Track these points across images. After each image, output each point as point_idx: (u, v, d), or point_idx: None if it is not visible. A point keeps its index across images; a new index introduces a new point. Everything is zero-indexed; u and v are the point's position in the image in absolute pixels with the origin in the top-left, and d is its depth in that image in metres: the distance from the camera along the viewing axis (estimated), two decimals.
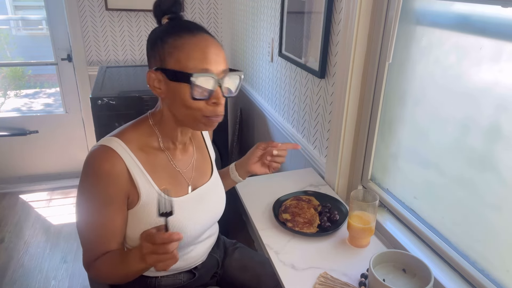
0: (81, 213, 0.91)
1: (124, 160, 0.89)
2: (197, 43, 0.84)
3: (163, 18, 0.91)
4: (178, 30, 0.86)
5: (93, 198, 0.89)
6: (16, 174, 2.93)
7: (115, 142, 0.90)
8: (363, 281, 0.95)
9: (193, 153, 1.06)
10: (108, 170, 0.87)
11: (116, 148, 0.89)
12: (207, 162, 1.11)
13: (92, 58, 2.62)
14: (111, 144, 0.89)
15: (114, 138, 0.91)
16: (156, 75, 0.87)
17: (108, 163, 0.87)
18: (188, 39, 0.84)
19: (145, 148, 0.94)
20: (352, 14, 1.18)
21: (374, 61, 1.19)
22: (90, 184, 0.89)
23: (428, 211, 1.08)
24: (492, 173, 0.85)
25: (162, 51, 0.85)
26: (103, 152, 0.89)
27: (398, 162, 1.19)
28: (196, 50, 0.84)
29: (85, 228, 0.92)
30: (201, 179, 1.06)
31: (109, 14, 2.54)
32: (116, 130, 0.96)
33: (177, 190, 0.99)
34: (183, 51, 0.83)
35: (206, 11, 2.71)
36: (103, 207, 0.89)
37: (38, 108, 3.42)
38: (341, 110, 1.30)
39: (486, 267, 0.89)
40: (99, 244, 0.91)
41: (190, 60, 0.83)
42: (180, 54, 0.83)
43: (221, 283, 1.21)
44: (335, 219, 1.18)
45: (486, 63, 0.84)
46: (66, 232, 2.45)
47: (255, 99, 2.30)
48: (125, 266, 0.86)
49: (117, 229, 0.92)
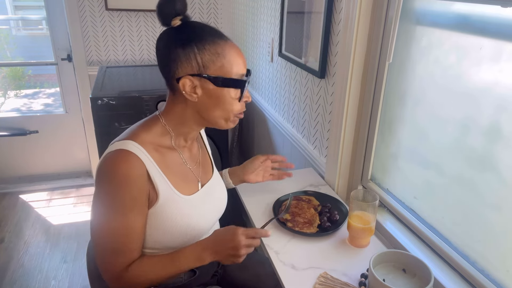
0: (102, 221, 0.89)
1: (143, 162, 0.89)
2: (233, 49, 0.91)
3: (174, 19, 0.89)
4: (212, 36, 0.88)
5: (115, 204, 0.87)
6: (16, 174, 2.93)
7: (131, 144, 0.89)
8: (363, 281, 0.95)
9: (199, 149, 1.08)
10: (128, 173, 0.86)
11: (133, 150, 0.88)
12: (207, 158, 1.13)
13: (92, 58, 2.62)
14: (129, 147, 0.88)
15: (129, 141, 0.90)
16: (192, 81, 0.88)
17: (128, 165, 0.87)
18: (224, 45, 0.89)
19: (159, 148, 0.94)
20: (352, 14, 1.18)
21: (374, 61, 1.19)
22: (111, 189, 0.87)
23: (428, 211, 1.08)
24: (492, 173, 0.85)
25: (201, 58, 0.87)
26: (122, 156, 0.87)
27: (398, 162, 1.19)
28: (235, 56, 0.90)
29: (109, 236, 0.89)
30: (206, 175, 1.08)
31: (109, 14, 2.54)
32: (126, 132, 0.94)
33: (189, 187, 1.00)
34: (225, 58, 0.88)
35: (206, 11, 2.71)
36: (127, 212, 0.88)
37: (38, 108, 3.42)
38: (341, 110, 1.30)
39: (486, 267, 0.89)
40: (127, 251, 0.90)
41: (233, 66, 0.89)
42: (223, 60, 0.88)
43: (221, 282, 1.21)
44: (335, 219, 1.18)
45: (486, 63, 0.84)
46: (66, 232, 2.45)
47: (255, 99, 2.30)
48: (180, 265, 0.92)
49: (141, 233, 0.92)
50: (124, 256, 0.90)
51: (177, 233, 0.95)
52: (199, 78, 0.88)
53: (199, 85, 0.88)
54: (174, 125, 0.96)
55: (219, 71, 0.88)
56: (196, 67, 0.87)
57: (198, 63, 0.87)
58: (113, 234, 0.89)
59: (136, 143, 0.90)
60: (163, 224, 0.93)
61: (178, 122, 0.95)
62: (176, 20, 0.89)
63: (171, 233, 0.94)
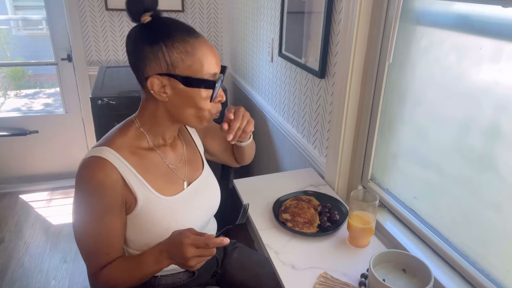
0: (79, 224, 0.91)
1: (117, 168, 0.88)
2: (204, 46, 0.86)
3: (143, 16, 0.85)
4: (181, 33, 0.85)
5: (90, 209, 0.89)
6: (16, 174, 2.93)
7: (105, 151, 0.89)
8: (363, 281, 0.95)
9: (183, 147, 1.06)
10: (102, 180, 0.86)
11: (107, 157, 0.88)
12: (198, 156, 1.12)
13: (92, 58, 2.62)
14: (102, 154, 0.88)
15: (104, 147, 0.90)
16: (161, 80, 0.85)
17: (102, 173, 0.87)
18: (194, 43, 0.85)
19: (136, 151, 0.93)
20: (352, 14, 1.18)
21: (374, 61, 1.19)
22: (86, 195, 0.88)
23: (428, 211, 1.08)
24: (492, 173, 0.85)
25: (169, 56, 0.84)
26: (95, 163, 0.87)
27: (398, 162, 1.19)
28: (206, 54, 0.86)
29: (85, 239, 0.91)
30: (194, 173, 1.06)
31: (109, 14, 2.54)
32: (102, 138, 0.94)
33: (173, 187, 0.99)
34: (194, 56, 0.84)
35: (206, 11, 2.71)
36: (101, 217, 0.89)
37: (38, 108, 3.42)
38: (341, 110, 1.30)
39: (486, 267, 0.89)
40: (101, 254, 0.91)
41: (203, 65, 0.85)
42: (193, 59, 0.84)
43: (220, 282, 1.21)
44: (335, 219, 1.18)
45: (486, 63, 0.84)
46: (66, 232, 2.45)
47: (255, 99, 2.30)
48: (141, 269, 0.89)
49: (117, 236, 0.92)
50: (99, 258, 0.92)
51: (162, 234, 0.94)
52: (168, 77, 0.85)
53: (168, 85, 0.86)
54: (149, 125, 0.95)
55: (188, 70, 0.85)
56: (165, 66, 0.84)
57: (167, 61, 0.84)
58: (88, 236, 0.91)
59: (111, 149, 0.89)
60: (145, 226, 0.93)
61: (152, 122, 0.94)
62: (145, 16, 0.85)
63: (156, 234, 0.94)
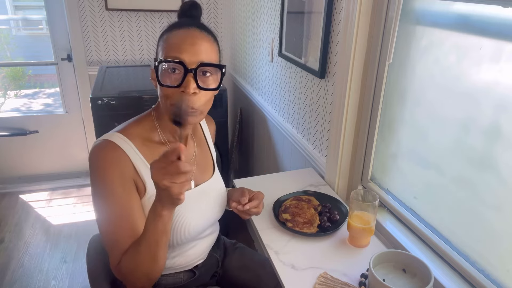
0: (100, 209, 0.88)
1: (127, 153, 0.89)
2: (179, 35, 0.86)
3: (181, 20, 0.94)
4: (173, 26, 0.89)
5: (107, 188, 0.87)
6: (16, 174, 2.93)
7: (117, 137, 0.90)
8: (363, 281, 0.95)
9: (194, 149, 1.07)
10: (113, 157, 0.87)
11: (118, 143, 0.89)
12: (209, 160, 1.12)
13: (92, 58, 2.62)
14: (114, 139, 0.90)
15: (117, 133, 0.91)
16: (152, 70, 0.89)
17: (112, 151, 0.88)
18: (175, 33, 0.86)
19: (148, 143, 0.94)
20: (352, 14, 1.18)
21: (374, 61, 1.19)
22: (100, 175, 0.87)
23: (428, 211, 1.08)
24: (492, 173, 0.85)
25: (159, 46, 0.89)
26: (105, 144, 0.89)
27: (398, 162, 1.19)
28: (174, 40, 0.85)
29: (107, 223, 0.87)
30: (202, 176, 1.06)
31: (109, 14, 2.54)
32: (119, 125, 0.96)
33: None
34: (165, 42, 0.86)
35: (206, 11, 2.72)
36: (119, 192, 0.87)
37: (38, 108, 3.42)
38: (341, 110, 1.30)
39: (486, 267, 0.89)
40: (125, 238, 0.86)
41: (166, 49, 0.85)
42: (164, 45, 0.86)
43: (221, 282, 1.21)
44: (335, 219, 1.18)
45: (486, 63, 0.84)
46: (66, 232, 2.45)
47: (255, 99, 2.29)
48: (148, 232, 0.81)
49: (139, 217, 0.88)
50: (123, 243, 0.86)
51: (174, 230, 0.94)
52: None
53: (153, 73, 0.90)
54: (160, 119, 0.96)
55: (158, 54, 0.88)
56: (155, 55, 0.90)
57: (156, 51, 0.90)
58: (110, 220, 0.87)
59: (124, 136, 0.91)
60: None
61: (161, 114, 0.96)
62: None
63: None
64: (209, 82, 0.87)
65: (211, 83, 0.88)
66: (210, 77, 0.87)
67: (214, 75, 0.88)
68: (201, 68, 0.85)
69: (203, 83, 0.85)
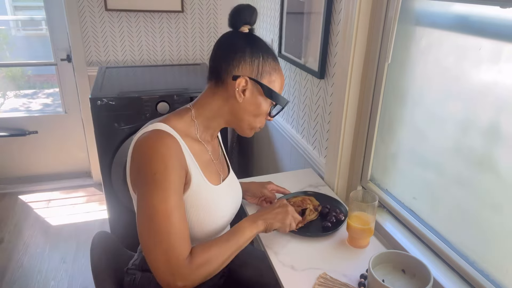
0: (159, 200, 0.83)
1: (179, 142, 0.91)
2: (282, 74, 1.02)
3: (243, 26, 0.98)
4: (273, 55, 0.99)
5: (169, 178, 0.84)
6: (16, 174, 2.93)
7: (165, 126, 0.92)
8: (363, 282, 0.95)
9: (219, 146, 1.13)
10: (172, 146, 0.88)
11: (168, 130, 0.91)
12: (223, 158, 1.17)
13: (92, 59, 2.62)
14: (163, 128, 0.92)
15: (162, 124, 0.93)
16: (248, 83, 0.94)
17: (171, 141, 0.89)
18: (279, 67, 1.00)
19: (186, 138, 0.96)
20: (352, 15, 1.18)
21: (374, 61, 1.20)
22: (161, 165, 0.84)
23: (428, 211, 1.08)
24: (492, 173, 0.85)
25: (262, 67, 0.95)
26: (158, 133, 0.90)
27: (398, 162, 1.19)
28: (283, 80, 1.02)
29: (169, 214, 0.82)
30: (224, 171, 1.12)
31: (109, 14, 2.54)
32: (156, 119, 0.98)
33: (215, 179, 1.03)
34: (278, 75, 0.99)
35: (206, 11, 2.71)
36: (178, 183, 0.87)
37: (38, 108, 3.41)
38: (340, 110, 1.30)
39: (486, 267, 0.89)
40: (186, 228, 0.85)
41: (281, 85, 1.01)
42: (277, 77, 0.99)
43: (229, 282, 1.22)
44: (334, 219, 1.18)
45: (485, 63, 0.84)
46: (65, 232, 2.45)
47: None
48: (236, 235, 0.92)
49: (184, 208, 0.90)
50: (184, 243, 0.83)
51: (208, 221, 0.97)
52: (254, 82, 0.95)
53: (250, 89, 0.95)
54: (204, 118, 0.99)
55: (269, 83, 0.97)
56: (255, 72, 0.95)
57: (259, 70, 0.95)
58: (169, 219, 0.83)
59: (169, 127, 0.93)
60: (190, 210, 0.94)
61: (209, 116, 0.99)
62: (245, 27, 0.98)
63: (202, 221, 0.96)
64: None
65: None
66: None
67: None
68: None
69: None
